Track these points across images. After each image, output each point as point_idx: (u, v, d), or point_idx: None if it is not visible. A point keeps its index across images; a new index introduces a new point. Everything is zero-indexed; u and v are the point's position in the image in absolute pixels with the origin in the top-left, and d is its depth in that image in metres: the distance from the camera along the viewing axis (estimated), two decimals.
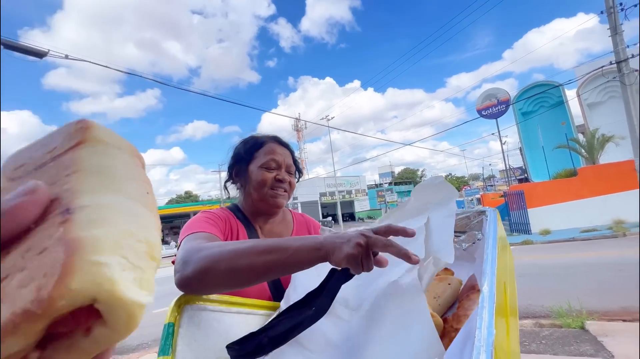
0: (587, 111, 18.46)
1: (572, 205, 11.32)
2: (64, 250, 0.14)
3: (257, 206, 0.88)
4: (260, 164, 0.86)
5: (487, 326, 0.43)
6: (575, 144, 15.52)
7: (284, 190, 0.87)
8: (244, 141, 0.92)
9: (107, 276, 0.15)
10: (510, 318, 0.58)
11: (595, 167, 12.59)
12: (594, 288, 4.39)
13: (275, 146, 0.89)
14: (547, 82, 20.88)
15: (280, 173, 0.87)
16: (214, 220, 0.80)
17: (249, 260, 0.55)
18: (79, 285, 0.14)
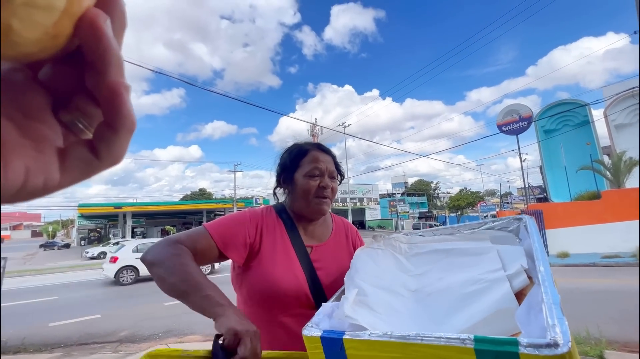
0: (615, 132, 17.79)
1: (594, 229, 10.87)
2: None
3: (302, 212, 0.94)
4: (304, 173, 0.91)
5: (552, 292, 0.49)
6: (600, 166, 14.97)
7: (326, 196, 0.92)
8: (288, 150, 0.98)
9: None
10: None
11: (621, 190, 12.09)
12: (614, 316, 4.21)
13: (318, 154, 0.94)
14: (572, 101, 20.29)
15: (323, 180, 0.91)
16: (242, 223, 0.88)
17: (174, 281, 0.71)
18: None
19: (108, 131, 0.18)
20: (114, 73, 0.17)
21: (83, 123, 0.19)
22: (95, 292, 8.85)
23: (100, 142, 0.18)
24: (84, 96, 0.18)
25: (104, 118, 0.18)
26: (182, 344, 4.10)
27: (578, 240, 10.90)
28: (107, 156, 0.19)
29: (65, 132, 0.18)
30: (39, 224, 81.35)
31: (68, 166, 0.18)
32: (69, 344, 4.35)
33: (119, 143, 0.18)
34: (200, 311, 0.67)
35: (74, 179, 0.19)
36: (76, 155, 0.18)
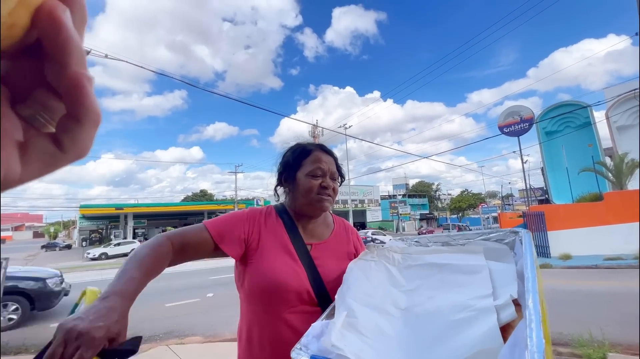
0: (617, 134, 17.74)
1: (596, 231, 10.83)
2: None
3: (303, 210, 0.95)
4: (307, 172, 0.92)
5: (537, 336, 0.48)
6: (602, 168, 14.92)
7: (328, 195, 0.93)
8: (292, 149, 0.99)
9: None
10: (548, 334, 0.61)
11: (623, 192, 12.04)
12: (617, 319, 4.18)
13: (321, 154, 0.96)
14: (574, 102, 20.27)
15: (325, 180, 0.93)
16: (239, 221, 0.90)
17: (123, 267, 0.74)
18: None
19: (72, 123, 0.18)
20: (75, 64, 0.17)
21: (44, 117, 0.19)
22: None
23: (64, 134, 0.18)
24: (44, 90, 0.18)
25: (67, 110, 0.18)
26: (183, 345, 4.10)
27: (580, 242, 10.86)
28: (72, 148, 0.18)
29: (26, 126, 0.18)
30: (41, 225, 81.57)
31: (30, 159, 0.18)
32: None
33: (84, 135, 0.18)
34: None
35: (38, 172, 0.18)
36: (38, 148, 0.18)
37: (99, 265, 18.57)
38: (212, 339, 4.26)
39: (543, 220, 11.67)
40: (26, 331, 4.87)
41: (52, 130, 0.19)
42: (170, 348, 3.93)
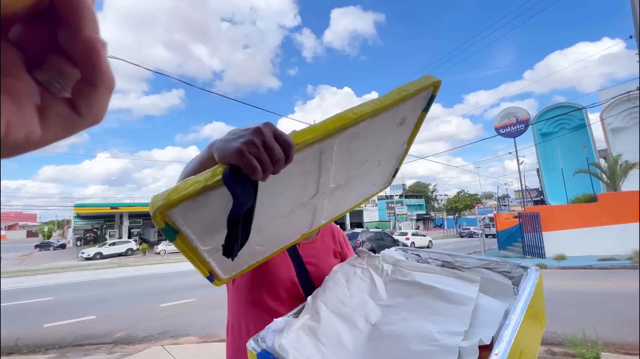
0: (611, 136, 17.92)
1: (590, 232, 10.93)
2: None
3: None
4: None
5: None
6: (596, 169, 15.06)
7: None
8: None
9: None
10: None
11: (617, 193, 12.17)
12: (610, 319, 4.22)
13: None
14: (569, 104, 20.45)
15: None
16: None
17: (189, 167, 0.58)
18: None
19: (87, 87, 0.18)
20: (89, 28, 0.17)
21: (60, 83, 0.19)
22: (90, 293, 8.77)
23: (80, 98, 0.19)
24: (59, 55, 0.19)
25: (82, 75, 0.18)
26: (178, 346, 4.07)
27: (575, 243, 10.95)
28: (88, 113, 0.19)
29: (42, 91, 0.19)
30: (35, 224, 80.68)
31: (49, 122, 0.18)
32: (63, 346, 4.31)
33: (99, 100, 0.19)
34: (208, 163, 0.51)
35: (57, 135, 0.19)
36: (56, 111, 0.19)
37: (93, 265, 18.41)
38: (207, 339, 4.24)
39: (538, 220, 11.75)
40: (18, 332, 4.82)
41: (67, 95, 0.19)
42: (165, 348, 3.90)
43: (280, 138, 0.43)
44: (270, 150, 0.42)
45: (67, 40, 0.18)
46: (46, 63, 0.19)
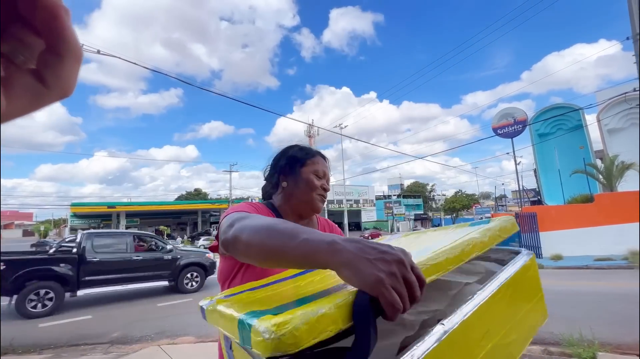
0: (607, 137, 18.04)
1: (587, 232, 11.00)
2: None
3: (298, 207, 0.96)
4: (313, 170, 0.96)
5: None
6: (593, 170, 15.15)
7: (325, 198, 0.98)
8: (300, 147, 1.02)
9: None
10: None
11: (613, 194, 12.25)
12: (606, 318, 4.25)
13: (322, 160, 1.01)
14: (566, 105, 20.55)
15: (325, 183, 0.98)
16: (256, 209, 0.88)
17: (261, 238, 0.50)
18: None
19: (52, 58, 0.18)
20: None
21: (23, 54, 0.18)
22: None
23: (46, 69, 0.18)
24: (20, 24, 0.18)
25: (46, 44, 0.17)
26: (175, 346, 4.05)
27: (571, 243, 11.02)
28: (56, 84, 0.18)
29: (6, 62, 0.18)
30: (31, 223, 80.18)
31: (14, 94, 0.18)
32: (59, 346, 4.27)
33: (66, 70, 0.18)
34: (301, 265, 0.46)
35: (24, 108, 0.18)
36: (21, 83, 0.18)
37: None
38: (204, 339, 4.22)
39: (535, 220, 11.81)
40: (14, 331, 4.78)
41: (33, 67, 0.18)
42: (162, 348, 3.88)
43: (416, 271, 0.39)
44: (409, 285, 0.37)
45: (27, 8, 0.17)
46: (7, 33, 0.18)
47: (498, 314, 0.54)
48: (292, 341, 0.34)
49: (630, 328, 3.73)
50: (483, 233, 0.61)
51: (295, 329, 0.34)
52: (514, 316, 0.58)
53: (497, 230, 0.63)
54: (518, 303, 0.60)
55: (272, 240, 0.48)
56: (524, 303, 0.62)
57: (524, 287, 0.63)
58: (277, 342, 0.34)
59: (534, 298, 0.65)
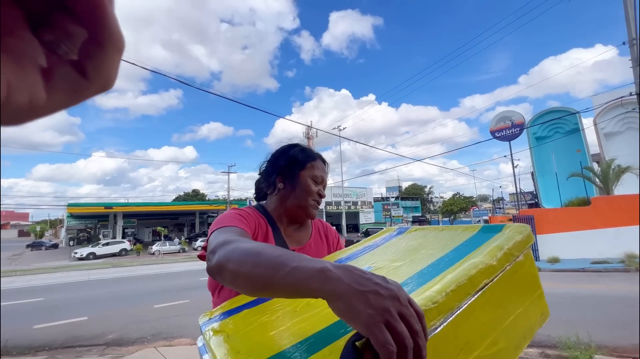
0: (604, 140, 18.16)
1: (584, 235, 11.05)
2: None
3: (291, 211, 0.92)
4: (311, 175, 0.93)
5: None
6: (589, 173, 15.24)
7: (319, 204, 0.96)
8: (301, 148, 0.97)
9: None
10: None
11: (610, 197, 12.31)
12: (603, 321, 4.26)
13: (322, 165, 0.98)
14: (563, 109, 20.69)
15: (321, 189, 0.95)
16: (245, 218, 0.83)
17: (248, 268, 0.47)
18: None
19: (94, 48, 0.17)
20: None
21: (66, 44, 0.18)
22: (82, 294, 8.65)
23: (87, 60, 0.17)
24: (64, 13, 0.17)
25: (88, 34, 0.17)
26: (171, 347, 4.02)
27: (568, 246, 11.05)
28: (97, 76, 0.18)
29: (48, 52, 0.17)
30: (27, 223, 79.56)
31: (54, 86, 0.17)
32: (54, 348, 4.23)
33: (108, 61, 0.17)
34: (292, 296, 0.44)
35: (63, 101, 0.17)
36: (62, 75, 0.17)
37: (86, 265, 18.19)
38: None
39: (533, 223, 11.85)
40: (8, 333, 4.73)
41: (74, 57, 0.18)
42: (158, 350, 3.85)
43: (413, 306, 0.36)
44: (406, 322, 0.34)
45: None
46: (51, 23, 0.17)
47: (481, 321, 0.48)
48: None
49: (628, 330, 3.74)
50: (492, 254, 0.52)
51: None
52: (502, 321, 0.51)
53: (510, 248, 0.54)
54: (507, 306, 0.53)
55: (259, 269, 0.46)
56: (516, 304, 0.55)
57: (517, 286, 0.55)
58: None
59: (530, 297, 0.58)
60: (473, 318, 0.47)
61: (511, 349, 0.52)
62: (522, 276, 0.56)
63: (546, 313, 0.61)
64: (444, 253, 0.60)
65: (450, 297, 0.44)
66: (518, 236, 0.57)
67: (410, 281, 0.52)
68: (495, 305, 0.50)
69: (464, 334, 0.45)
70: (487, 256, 0.51)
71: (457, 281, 0.46)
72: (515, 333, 0.53)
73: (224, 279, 0.54)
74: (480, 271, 0.49)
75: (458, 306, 0.45)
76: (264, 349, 0.45)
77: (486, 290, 0.49)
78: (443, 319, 0.44)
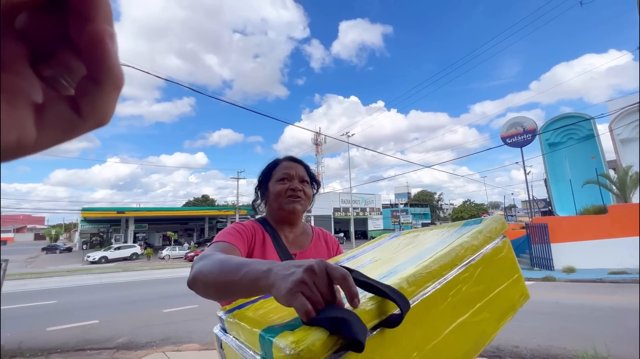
0: (620, 147, 17.67)
1: (600, 244, 10.69)
2: None
3: (278, 215, 0.99)
4: (276, 179, 1.00)
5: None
6: (605, 180, 14.81)
7: (298, 197, 0.98)
8: (270, 162, 1.07)
9: None
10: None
11: (628, 205, 11.91)
12: (622, 335, 4.09)
13: (288, 163, 1.03)
14: (577, 114, 20.26)
15: (293, 183, 0.98)
16: (239, 232, 0.90)
17: (213, 277, 0.55)
18: None
19: (91, 85, 0.16)
20: (100, 19, 0.15)
21: (67, 80, 0.17)
22: (94, 297, 8.80)
23: (83, 97, 0.17)
24: (67, 48, 0.17)
25: (87, 70, 0.16)
26: (180, 352, 4.04)
27: (584, 255, 10.71)
28: (91, 114, 0.17)
29: (46, 88, 0.17)
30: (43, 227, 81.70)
31: (46, 124, 0.16)
32: (65, 350, 4.30)
33: (104, 99, 0.17)
34: (249, 294, 0.51)
35: (55, 139, 0.17)
36: (55, 112, 0.17)
37: (98, 269, 18.50)
38: (209, 347, 4.20)
39: (546, 231, 11.54)
40: (22, 335, 4.84)
41: (71, 93, 0.17)
42: (167, 355, 3.88)
43: (330, 271, 0.42)
44: (320, 287, 0.41)
45: (76, 31, 0.16)
46: (53, 57, 0.17)
47: (466, 292, 0.57)
48: (309, 356, 0.39)
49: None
50: (474, 236, 0.64)
51: (312, 344, 0.39)
52: (485, 295, 0.60)
53: (488, 232, 0.67)
54: (489, 283, 0.62)
55: (221, 276, 0.54)
56: (497, 282, 0.64)
57: (497, 267, 0.65)
58: (296, 357, 0.39)
59: (509, 278, 0.67)
60: (458, 288, 0.56)
61: (494, 321, 0.61)
62: (501, 259, 0.66)
63: (526, 294, 0.70)
64: (434, 242, 0.72)
65: (440, 267, 0.55)
66: (494, 224, 0.69)
67: (408, 262, 0.61)
68: (477, 281, 0.60)
69: (451, 301, 0.54)
70: (470, 238, 0.63)
71: (446, 255, 0.57)
72: (497, 307, 0.62)
73: (198, 290, 0.61)
74: (465, 249, 0.60)
75: (446, 276, 0.55)
76: (283, 318, 0.51)
77: (470, 266, 0.59)
78: (432, 284, 0.53)
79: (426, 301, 0.51)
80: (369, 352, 0.44)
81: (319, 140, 37.19)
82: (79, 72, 0.17)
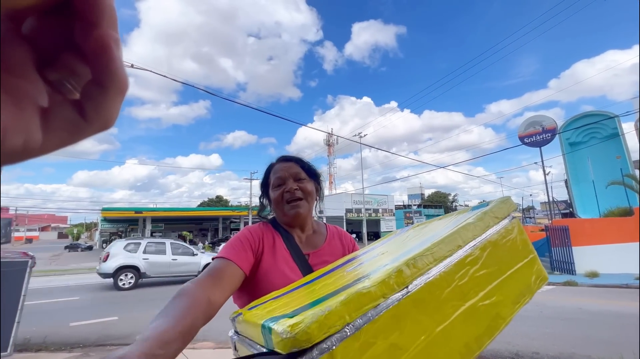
0: None
1: (626, 248, 10.21)
2: None
3: (284, 221, 0.99)
4: (272, 186, 0.98)
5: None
6: (631, 181, 14.15)
7: (297, 198, 0.95)
8: (263, 175, 1.06)
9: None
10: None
11: None
12: None
13: (279, 165, 1.00)
14: (600, 112, 19.45)
15: (287, 185, 0.95)
16: (242, 242, 0.87)
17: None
18: None
19: (96, 89, 0.17)
20: (106, 24, 0.16)
21: (72, 84, 0.18)
22: (113, 294, 9.08)
23: (88, 101, 0.17)
24: (74, 53, 0.17)
25: (92, 74, 0.17)
26: (195, 350, 4.12)
27: (608, 259, 10.25)
28: (96, 118, 0.17)
29: (52, 92, 0.17)
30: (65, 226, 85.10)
31: (52, 127, 0.17)
32: (87, 345, 4.46)
33: (108, 103, 0.17)
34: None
35: (60, 142, 0.17)
36: (61, 115, 0.17)
37: None
38: (223, 345, 4.26)
39: (567, 234, 11.12)
40: (47, 330, 5.04)
41: (76, 97, 0.18)
42: (183, 353, 3.95)
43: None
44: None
45: (82, 36, 0.16)
46: (59, 62, 0.17)
47: (474, 274, 0.55)
48: (305, 338, 0.40)
49: None
50: (480, 217, 0.63)
51: (307, 327, 0.40)
52: (495, 277, 0.58)
53: (494, 212, 0.65)
54: (499, 265, 0.60)
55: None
56: (508, 264, 0.61)
57: (508, 249, 0.63)
58: (292, 340, 0.40)
59: (522, 260, 0.64)
60: (465, 271, 0.54)
61: (509, 304, 0.59)
62: (511, 241, 0.64)
63: (543, 276, 0.67)
64: (441, 228, 0.72)
65: (442, 249, 0.54)
66: (501, 204, 0.67)
67: (412, 249, 0.61)
68: (486, 263, 0.58)
69: (459, 285, 0.53)
70: (475, 219, 0.62)
71: (449, 237, 0.57)
72: (510, 290, 0.60)
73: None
74: (468, 230, 0.59)
75: (450, 258, 0.54)
76: (290, 307, 0.52)
77: (476, 248, 0.58)
78: (436, 268, 0.52)
79: (430, 285, 0.50)
80: (370, 337, 0.43)
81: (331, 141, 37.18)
82: (84, 76, 0.17)
